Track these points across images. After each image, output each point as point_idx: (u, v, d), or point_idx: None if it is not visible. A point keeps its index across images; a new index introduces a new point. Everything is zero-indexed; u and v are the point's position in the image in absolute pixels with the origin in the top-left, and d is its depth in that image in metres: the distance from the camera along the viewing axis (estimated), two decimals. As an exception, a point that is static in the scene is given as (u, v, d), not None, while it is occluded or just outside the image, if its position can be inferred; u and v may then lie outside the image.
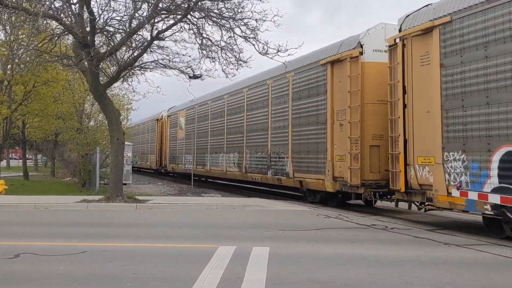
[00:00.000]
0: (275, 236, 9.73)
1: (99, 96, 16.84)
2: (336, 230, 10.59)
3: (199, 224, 11.76)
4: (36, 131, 32.11)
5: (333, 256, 7.76)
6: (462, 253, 8.25)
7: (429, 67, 10.88)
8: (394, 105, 12.11)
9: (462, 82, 10.02)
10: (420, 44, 11.25)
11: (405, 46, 11.71)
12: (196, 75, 17.13)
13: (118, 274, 6.45)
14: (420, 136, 11.20)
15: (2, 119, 21.99)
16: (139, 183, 29.19)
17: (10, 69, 22.06)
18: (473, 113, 9.77)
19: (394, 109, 12.13)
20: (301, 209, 14.93)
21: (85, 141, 22.64)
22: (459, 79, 10.08)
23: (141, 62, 17.25)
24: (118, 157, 16.47)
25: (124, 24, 15.40)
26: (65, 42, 20.98)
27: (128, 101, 29.99)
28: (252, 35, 15.01)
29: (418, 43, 11.33)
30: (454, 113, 10.24)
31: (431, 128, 10.80)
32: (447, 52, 10.43)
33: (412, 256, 7.82)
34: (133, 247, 8.58)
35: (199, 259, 7.34)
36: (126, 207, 14.96)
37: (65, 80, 24.42)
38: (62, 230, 10.59)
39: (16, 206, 14.85)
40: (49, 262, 7.22)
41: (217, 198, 18.71)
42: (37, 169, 48.17)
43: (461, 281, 6.33)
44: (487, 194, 9.41)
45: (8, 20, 16.65)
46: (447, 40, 10.43)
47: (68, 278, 6.23)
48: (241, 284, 5.98)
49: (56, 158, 35.70)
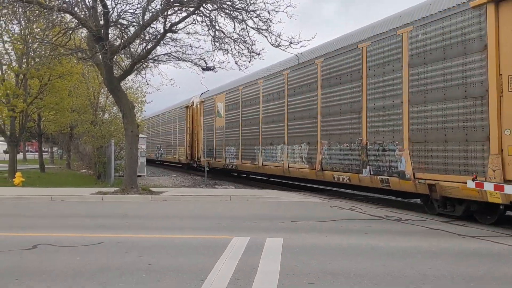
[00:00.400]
0: (288, 227, 9.77)
1: (113, 89, 16.99)
2: (349, 222, 10.58)
3: (213, 215, 11.85)
4: (51, 124, 32.52)
5: (346, 248, 7.77)
6: (476, 245, 8.19)
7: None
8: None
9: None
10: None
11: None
12: (209, 67, 17.19)
13: (133, 265, 6.55)
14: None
15: (18, 113, 22.28)
16: (154, 175, 29.45)
17: (26, 63, 22.31)
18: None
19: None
20: (314, 200, 14.93)
21: (99, 133, 22.87)
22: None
23: (155, 54, 17.35)
24: (133, 150, 16.63)
25: (137, 17, 15.49)
26: (80, 35, 21.19)
27: (142, 93, 30.20)
28: (265, 27, 14.98)
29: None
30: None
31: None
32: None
33: (425, 248, 7.79)
34: (148, 238, 8.69)
35: (213, 250, 7.41)
36: (140, 198, 15.12)
37: (80, 73, 24.64)
38: (78, 221, 10.76)
39: (33, 198, 15.10)
40: (66, 253, 7.35)
41: (230, 189, 18.79)
42: (53, 161, 48.80)
43: (475, 273, 6.30)
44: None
45: (23, 14, 16.81)
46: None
47: (84, 269, 6.35)
48: (255, 275, 6.03)
49: (71, 151, 36.16)
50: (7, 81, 22.47)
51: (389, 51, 12.59)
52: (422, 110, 11.41)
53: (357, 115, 13.82)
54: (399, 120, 12.16)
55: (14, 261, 6.81)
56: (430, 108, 11.20)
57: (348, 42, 14.41)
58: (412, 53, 11.76)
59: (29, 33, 21.12)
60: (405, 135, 11.91)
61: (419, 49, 11.57)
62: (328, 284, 5.70)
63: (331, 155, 15.02)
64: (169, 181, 23.89)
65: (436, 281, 5.87)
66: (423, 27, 11.44)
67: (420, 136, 11.48)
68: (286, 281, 5.79)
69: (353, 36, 14.36)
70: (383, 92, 12.79)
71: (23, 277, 5.96)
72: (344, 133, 14.41)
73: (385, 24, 12.93)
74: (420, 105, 11.49)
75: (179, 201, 14.94)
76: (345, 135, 14.33)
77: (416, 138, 11.61)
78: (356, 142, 13.82)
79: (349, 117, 14.22)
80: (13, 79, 23.40)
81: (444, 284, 5.77)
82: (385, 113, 12.72)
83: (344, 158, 14.39)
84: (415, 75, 11.65)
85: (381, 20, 13.42)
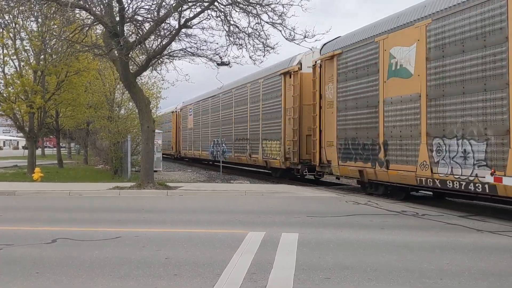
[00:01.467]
0: (303, 222, 9.77)
1: (129, 85, 17.12)
2: (365, 217, 10.54)
3: (228, 210, 11.90)
4: (68, 120, 32.90)
5: (362, 242, 7.74)
6: (495, 239, 8.10)
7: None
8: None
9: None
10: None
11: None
12: (224, 62, 17.20)
13: (150, 259, 6.62)
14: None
15: (36, 109, 22.61)
16: (169, 170, 29.66)
17: (43, 60, 22.60)
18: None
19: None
20: (329, 195, 14.89)
21: (116, 129, 23.07)
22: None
23: (170, 50, 17.44)
24: (149, 145, 16.76)
25: (152, 13, 15.56)
26: (96, 32, 21.36)
27: (158, 89, 30.36)
28: (279, 21, 14.93)
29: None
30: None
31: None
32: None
33: (443, 243, 7.73)
34: (165, 232, 8.77)
35: (229, 244, 7.46)
36: (157, 193, 15.26)
37: (96, 69, 24.86)
38: (96, 216, 10.91)
39: (51, 193, 15.35)
40: (84, 246, 7.47)
41: (245, 184, 18.84)
42: (70, 157, 49.45)
43: (494, 268, 6.23)
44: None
45: (40, 11, 17.02)
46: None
47: (103, 262, 6.44)
48: (271, 269, 6.06)
49: (88, 146, 36.54)
50: (25, 77, 22.79)
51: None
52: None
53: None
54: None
55: (34, 254, 6.94)
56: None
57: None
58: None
59: (46, 30, 21.38)
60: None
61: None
62: (344, 279, 5.70)
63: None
64: (184, 176, 24.04)
65: (454, 276, 5.82)
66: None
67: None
68: (302, 276, 5.80)
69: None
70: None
71: (44, 270, 6.08)
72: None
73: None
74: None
75: (195, 196, 15.04)
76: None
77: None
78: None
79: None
80: (31, 76, 23.73)
81: (462, 279, 5.72)
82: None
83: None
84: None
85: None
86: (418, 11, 12.22)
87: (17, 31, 22.47)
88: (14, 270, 6.11)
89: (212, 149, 28.91)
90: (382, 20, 13.82)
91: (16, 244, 7.65)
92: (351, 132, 14.68)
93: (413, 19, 12.24)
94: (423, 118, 11.72)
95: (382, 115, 13.19)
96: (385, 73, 13.07)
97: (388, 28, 13.14)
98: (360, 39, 14.33)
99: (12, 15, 20.23)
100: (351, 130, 14.66)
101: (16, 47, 22.47)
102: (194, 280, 5.65)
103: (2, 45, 22.18)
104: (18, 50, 22.57)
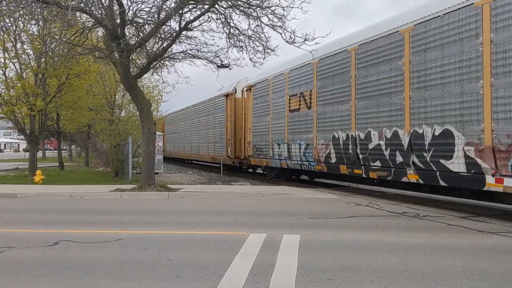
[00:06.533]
0: (305, 223, 9.79)
1: (130, 87, 17.16)
2: (366, 218, 10.55)
3: (229, 212, 11.91)
4: (69, 123, 32.95)
5: (364, 244, 7.76)
6: (496, 241, 8.11)
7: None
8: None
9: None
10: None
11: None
12: (224, 64, 17.23)
13: (152, 261, 6.64)
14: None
15: (37, 111, 22.64)
16: (170, 172, 29.68)
17: (44, 63, 22.64)
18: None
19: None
20: (330, 197, 14.91)
21: (117, 131, 23.11)
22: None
23: (170, 52, 17.46)
24: (150, 147, 16.79)
25: (152, 16, 15.59)
26: (96, 34, 21.41)
27: (159, 92, 30.45)
28: (280, 23, 14.96)
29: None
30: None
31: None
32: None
33: (444, 244, 7.74)
34: (166, 234, 8.78)
35: (230, 246, 7.47)
36: (158, 195, 15.28)
37: (97, 72, 24.90)
38: (98, 218, 10.93)
39: (53, 195, 15.37)
40: (86, 249, 7.48)
41: (246, 186, 18.85)
42: (71, 159, 49.46)
43: (495, 269, 6.23)
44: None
45: (40, 14, 17.05)
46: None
47: (105, 265, 6.46)
48: (272, 271, 6.07)
49: (89, 149, 36.59)
50: (25, 80, 22.81)
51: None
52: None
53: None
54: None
55: (36, 257, 6.95)
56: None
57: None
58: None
59: (47, 33, 21.42)
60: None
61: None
62: (346, 280, 5.71)
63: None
64: (185, 178, 24.06)
65: (455, 277, 5.83)
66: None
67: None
68: (304, 277, 5.81)
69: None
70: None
71: (46, 273, 6.09)
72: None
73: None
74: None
75: (196, 197, 15.06)
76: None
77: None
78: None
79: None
80: (32, 79, 23.77)
81: (463, 281, 5.73)
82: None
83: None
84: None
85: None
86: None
87: (17, 34, 22.52)
88: (17, 272, 6.13)
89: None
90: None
91: (18, 246, 7.66)
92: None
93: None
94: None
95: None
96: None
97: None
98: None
99: (13, 18, 20.26)
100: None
101: (17, 50, 22.52)
102: (196, 282, 5.67)
103: (3, 48, 22.22)
104: (19, 54, 22.61)
